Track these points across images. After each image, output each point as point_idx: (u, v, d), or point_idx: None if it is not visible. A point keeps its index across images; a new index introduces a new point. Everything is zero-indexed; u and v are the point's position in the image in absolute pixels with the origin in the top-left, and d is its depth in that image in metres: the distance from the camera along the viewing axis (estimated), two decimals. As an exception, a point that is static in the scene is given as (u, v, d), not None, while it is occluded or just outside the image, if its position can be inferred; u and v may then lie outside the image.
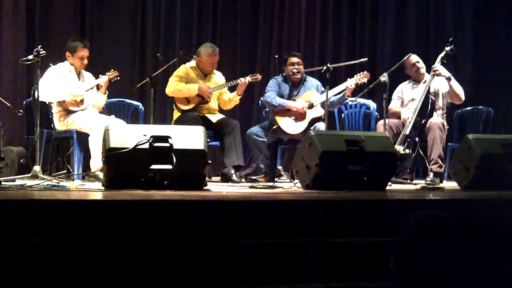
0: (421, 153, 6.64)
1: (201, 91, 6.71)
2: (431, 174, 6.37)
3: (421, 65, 6.92)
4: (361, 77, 6.85)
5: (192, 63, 6.90)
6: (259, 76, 6.98)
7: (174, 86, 6.74)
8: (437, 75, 6.66)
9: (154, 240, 2.06)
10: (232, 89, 7.00)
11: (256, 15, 8.78)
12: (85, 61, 6.44)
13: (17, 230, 3.24)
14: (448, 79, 6.69)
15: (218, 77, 7.01)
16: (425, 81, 6.75)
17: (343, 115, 7.59)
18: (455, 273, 1.93)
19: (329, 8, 8.96)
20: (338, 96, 6.92)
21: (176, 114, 6.81)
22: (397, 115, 6.83)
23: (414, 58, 6.95)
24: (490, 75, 9.01)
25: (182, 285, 1.99)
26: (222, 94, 6.99)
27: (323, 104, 6.60)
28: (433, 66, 6.71)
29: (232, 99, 6.94)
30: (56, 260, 1.55)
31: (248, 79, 6.88)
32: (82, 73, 6.53)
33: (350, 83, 6.85)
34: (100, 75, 6.49)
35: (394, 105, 6.96)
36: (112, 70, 6.55)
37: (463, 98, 6.82)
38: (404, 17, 9.12)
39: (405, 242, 1.99)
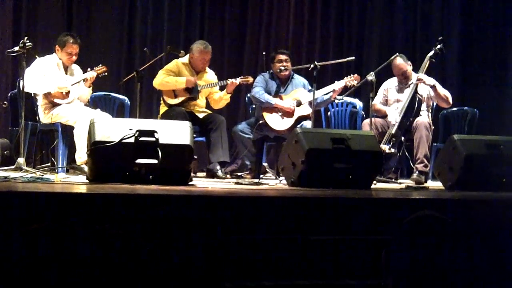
0: (406, 152, 6.65)
1: (188, 82, 6.68)
2: (417, 173, 6.38)
3: (409, 71, 6.89)
4: (351, 80, 6.85)
5: (185, 59, 6.87)
6: (250, 79, 6.96)
7: (161, 79, 6.72)
8: (423, 83, 6.67)
9: (139, 234, 2.05)
10: (222, 88, 6.97)
11: (244, 11, 8.77)
12: (73, 58, 6.40)
13: (-1, 222, 3.21)
14: (433, 87, 6.69)
15: (210, 76, 6.99)
16: (412, 83, 6.76)
17: (329, 113, 7.61)
18: (443, 272, 1.94)
19: (317, 7, 8.97)
20: (326, 96, 6.92)
21: (163, 108, 6.80)
22: (381, 113, 6.85)
23: (401, 64, 6.85)
24: (476, 76, 9.06)
25: (166, 278, 1.99)
26: (212, 93, 6.97)
27: (310, 103, 6.60)
28: (417, 75, 6.70)
29: (222, 97, 6.92)
30: (53, 248, 1.55)
31: (238, 80, 6.87)
32: (70, 66, 6.50)
33: (339, 85, 6.84)
34: (89, 69, 6.46)
35: (378, 101, 6.94)
36: (100, 65, 6.52)
37: (451, 102, 6.83)
38: (392, 16, 9.15)
39: (400, 239, 2.00)
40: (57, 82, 6.27)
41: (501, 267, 2.40)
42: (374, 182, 5.51)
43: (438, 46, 6.75)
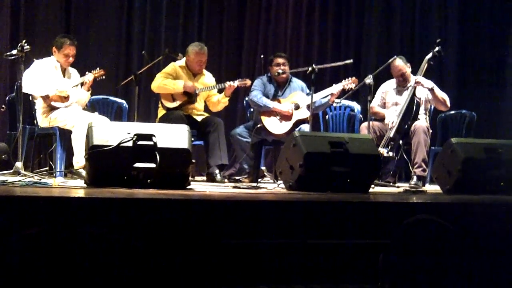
0: (405, 156, 6.65)
1: (186, 87, 6.69)
2: (415, 178, 6.39)
3: (408, 73, 6.90)
4: (349, 83, 6.86)
5: (182, 62, 6.88)
6: (248, 82, 6.97)
7: (159, 82, 6.72)
8: (422, 86, 6.67)
9: (137, 239, 2.05)
10: (221, 91, 6.98)
11: (242, 14, 8.78)
12: (70, 59, 6.41)
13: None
14: (431, 90, 6.70)
15: (207, 78, 6.99)
16: (410, 85, 6.76)
17: (327, 116, 7.62)
18: (441, 275, 1.94)
19: (315, 9, 8.98)
20: (324, 99, 6.93)
21: (161, 112, 6.80)
22: (379, 116, 6.85)
23: (400, 66, 6.86)
24: (474, 79, 9.07)
25: (164, 283, 1.99)
26: (210, 96, 6.98)
27: (308, 106, 6.60)
28: (415, 77, 6.71)
29: (220, 100, 6.93)
30: (51, 252, 1.55)
31: (236, 83, 6.87)
32: (68, 69, 6.51)
33: (337, 88, 6.85)
34: (87, 72, 6.47)
35: (376, 104, 6.95)
36: (98, 69, 6.53)
37: (449, 105, 6.84)
38: (390, 18, 9.16)
39: (398, 243, 2.00)
40: (56, 85, 6.27)
41: (499, 269, 2.41)
42: (372, 185, 5.51)
43: (436, 49, 6.75)
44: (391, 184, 6.44)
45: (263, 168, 7.20)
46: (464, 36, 9.18)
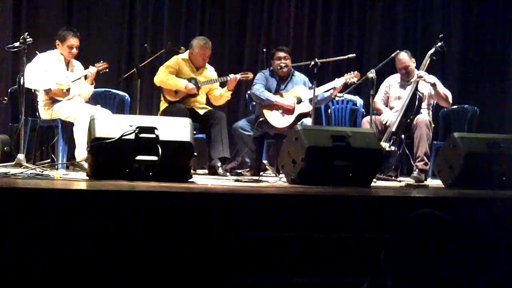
0: (407, 150, 6.65)
1: (187, 89, 6.68)
2: (416, 172, 6.38)
3: (412, 67, 6.88)
4: (351, 77, 6.84)
5: (185, 55, 6.87)
6: (250, 75, 6.95)
7: (163, 76, 6.72)
8: (424, 80, 6.66)
9: (139, 231, 2.05)
10: (223, 85, 6.97)
11: (245, 8, 8.76)
12: (74, 50, 6.41)
13: (-1, 218, 3.21)
14: (433, 85, 6.68)
15: (210, 72, 6.98)
16: (413, 80, 6.74)
17: (329, 110, 7.61)
18: (443, 271, 1.94)
19: (318, 4, 8.97)
20: (326, 93, 6.92)
21: (163, 105, 6.79)
22: (381, 112, 6.84)
23: (405, 59, 6.84)
24: (476, 74, 9.06)
25: (166, 275, 1.99)
26: (212, 90, 6.97)
27: (310, 100, 6.60)
28: (418, 72, 6.70)
29: (223, 94, 6.92)
30: (53, 244, 1.55)
31: (238, 76, 6.85)
32: (71, 62, 6.51)
33: (340, 82, 6.84)
34: (90, 66, 6.47)
35: (379, 99, 6.94)
36: (101, 62, 6.53)
37: (450, 101, 6.83)
38: (392, 13, 9.14)
39: (400, 238, 2.00)
40: (56, 79, 6.26)
41: (501, 265, 2.41)
42: (374, 180, 5.51)
43: (439, 44, 6.73)
44: (393, 178, 6.43)
45: (265, 161, 7.20)
46: (467, 31, 9.16)
